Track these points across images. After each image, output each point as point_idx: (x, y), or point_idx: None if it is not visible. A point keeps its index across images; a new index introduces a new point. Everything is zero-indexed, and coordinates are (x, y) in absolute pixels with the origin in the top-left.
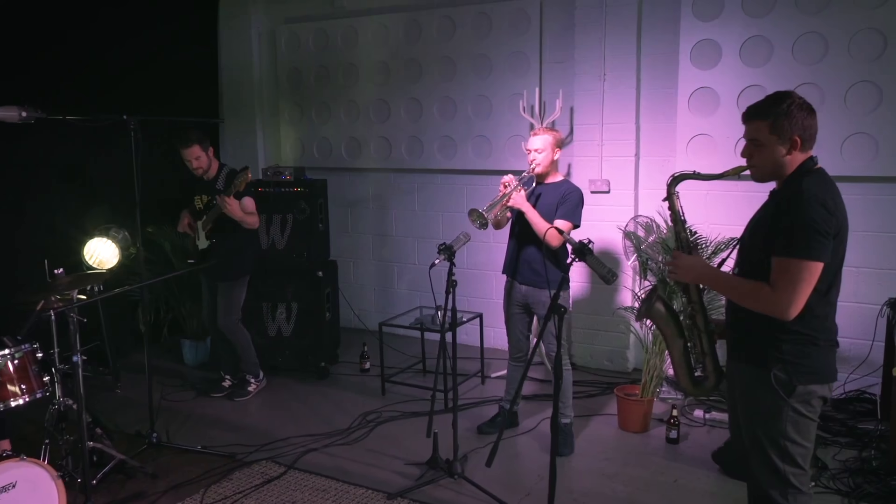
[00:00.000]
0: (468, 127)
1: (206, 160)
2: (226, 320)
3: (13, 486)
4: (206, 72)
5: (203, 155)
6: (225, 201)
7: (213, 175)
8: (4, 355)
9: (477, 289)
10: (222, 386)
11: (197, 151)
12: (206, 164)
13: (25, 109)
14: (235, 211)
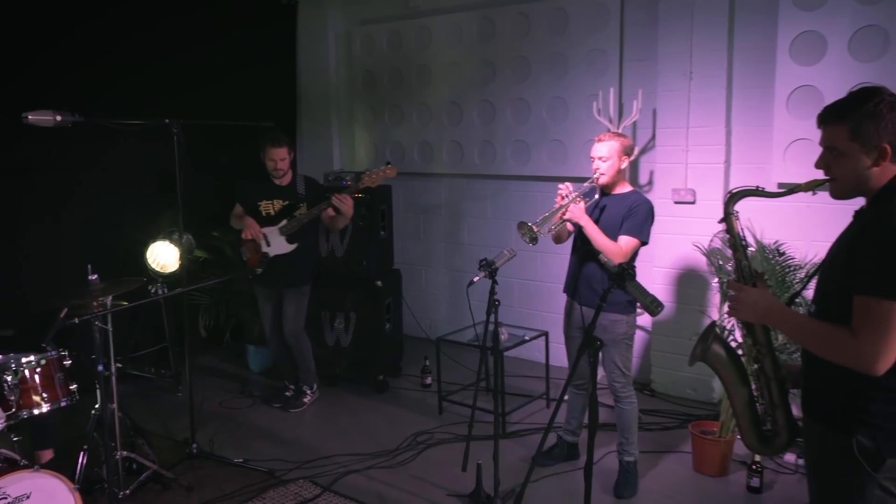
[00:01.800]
0: (542, 130)
1: (288, 163)
2: (294, 327)
3: (27, 497)
4: (285, 75)
5: (288, 158)
6: (345, 199)
7: (289, 181)
8: (28, 363)
9: (545, 304)
10: (284, 395)
11: (284, 153)
12: (287, 166)
13: (60, 113)
14: (350, 210)
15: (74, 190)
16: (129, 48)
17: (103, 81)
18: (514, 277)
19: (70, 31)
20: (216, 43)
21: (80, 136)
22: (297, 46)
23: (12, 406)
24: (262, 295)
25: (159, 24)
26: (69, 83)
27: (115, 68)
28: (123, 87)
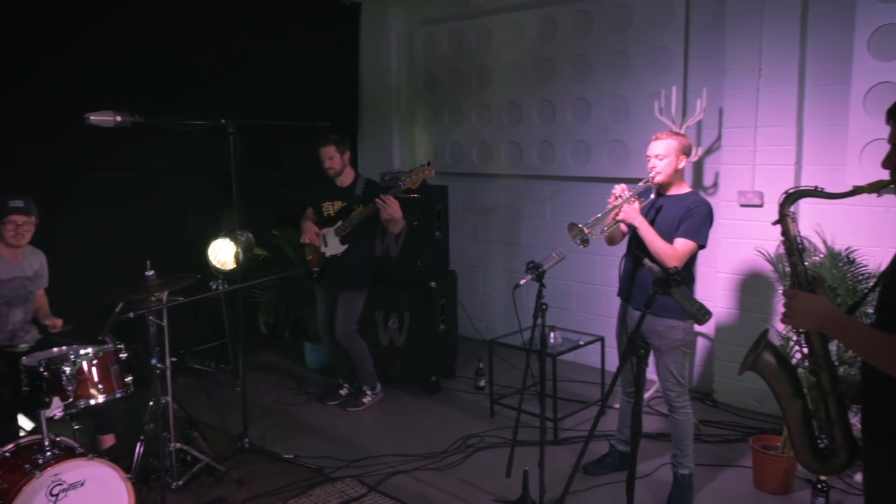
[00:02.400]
0: (603, 130)
1: (339, 163)
2: (344, 329)
3: (81, 485)
4: (347, 76)
5: (337, 157)
6: (389, 200)
7: (349, 183)
8: (86, 354)
9: (603, 308)
10: (339, 394)
11: (332, 151)
12: (339, 166)
13: (120, 114)
14: (397, 211)
15: (142, 187)
16: (194, 49)
17: (166, 81)
18: (572, 280)
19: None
20: (279, 44)
21: (144, 134)
22: (360, 47)
23: (69, 396)
24: (319, 294)
25: (224, 24)
26: (137, 84)
27: (181, 68)
28: (187, 87)
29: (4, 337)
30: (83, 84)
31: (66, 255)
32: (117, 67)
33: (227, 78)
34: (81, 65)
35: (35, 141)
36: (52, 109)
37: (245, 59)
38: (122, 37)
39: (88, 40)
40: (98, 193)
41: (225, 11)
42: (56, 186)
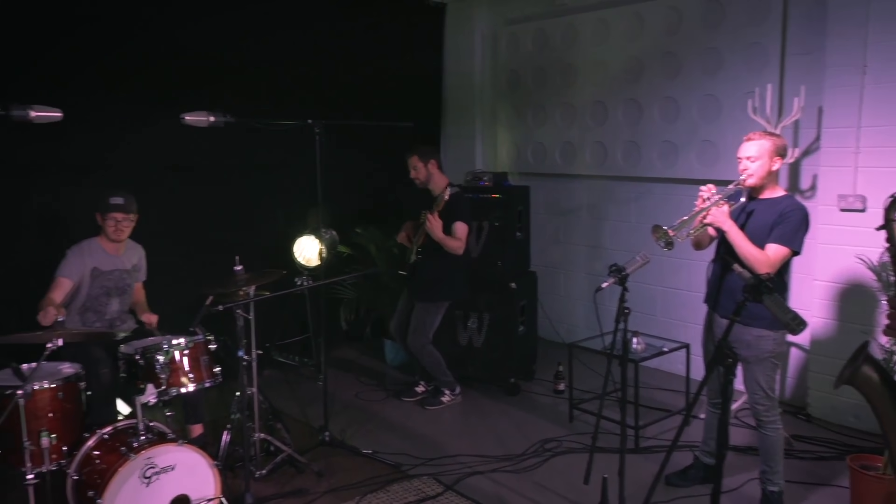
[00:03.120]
0: (692, 131)
1: (423, 172)
2: (414, 341)
3: (172, 469)
4: (431, 76)
5: (421, 166)
6: (428, 218)
7: (439, 192)
8: (178, 344)
9: (689, 314)
10: (415, 391)
11: (415, 161)
12: (424, 176)
13: (213, 115)
14: (435, 230)
15: (232, 184)
16: (280, 49)
17: (258, 82)
18: (656, 285)
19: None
20: (365, 45)
21: (236, 134)
22: (444, 47)
23: (162, 383)
24: (404, 296)
25: (309, 24)
26: (230, 85)
27: (272, 69)
28: (276, 88)
29: (103, 325)
30: (188, 85)
31: (162, 249)
32: (219, 69)
33: (314, 78)
34: (191, 68)
35: (141, 142)
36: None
37: (331, 60)
38: (225, 43)
39: (196, 45)
40: (192, 190)
41: (312, 13)
42: (154, 183)
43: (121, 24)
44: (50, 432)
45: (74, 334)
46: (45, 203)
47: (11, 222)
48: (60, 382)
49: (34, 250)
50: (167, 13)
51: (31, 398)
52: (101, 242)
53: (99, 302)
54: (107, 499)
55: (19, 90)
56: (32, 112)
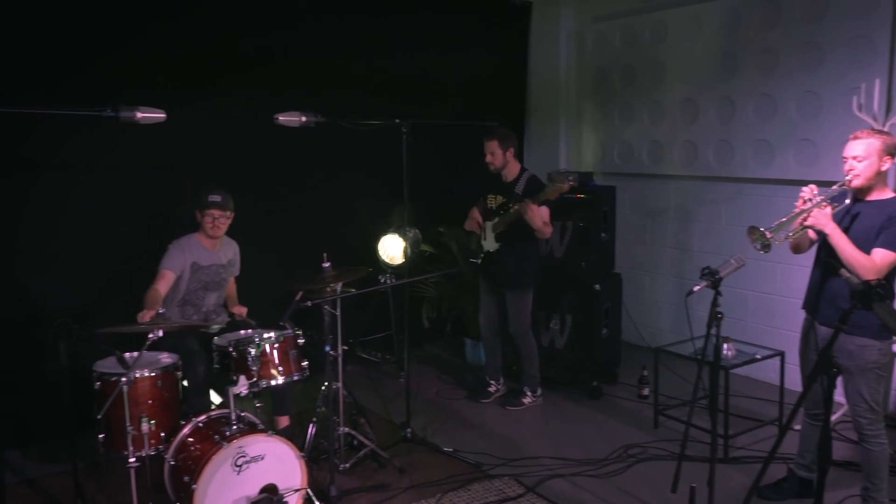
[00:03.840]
0: (790, 129)
1: (500, 158)
2: (517, 327)
3: (262, 458)
4: (516, 75)
5: (499, 152)
6: (529, 206)
7: (513, 178)
8: (268, 338)
9: (783, 321)
10: (488, 392)
11: (494, 146)
12: (501, 162)
13: (305, 115)
14: (536, 218)
15: (320, 183)
16: (366, 49)
17: (345, 83)
18: (749, 289)
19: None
20: (450, 44)
21: (324, 133)
22: (529, 46)
23: (254, 375)
24: (483, 287)
25: (395, 25)
26: (320, 85)
27: (359, 69)
28: (363, 87)
29: (200, 318)
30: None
31: (253, 245)
32: (308, 71)
33: (401, 78)
34: (283, 70)
35: (232, 142)
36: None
37: (416, 60)
38: (314, 45)
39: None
40: (282, 189)
41: (396, 12)
42: (247, 182)
43: (215, 28)
44: (149, 418)
45: (174, 326)
46: (147, 199)
47: (117, 218)
48: (160, 371)
49: (137, 244)
50: (259, 18)
51: (134, 385)
52: (200, 238)
53: (197, 295)
54: (201, 484)
55: (125, 93)
56: (139, 113)
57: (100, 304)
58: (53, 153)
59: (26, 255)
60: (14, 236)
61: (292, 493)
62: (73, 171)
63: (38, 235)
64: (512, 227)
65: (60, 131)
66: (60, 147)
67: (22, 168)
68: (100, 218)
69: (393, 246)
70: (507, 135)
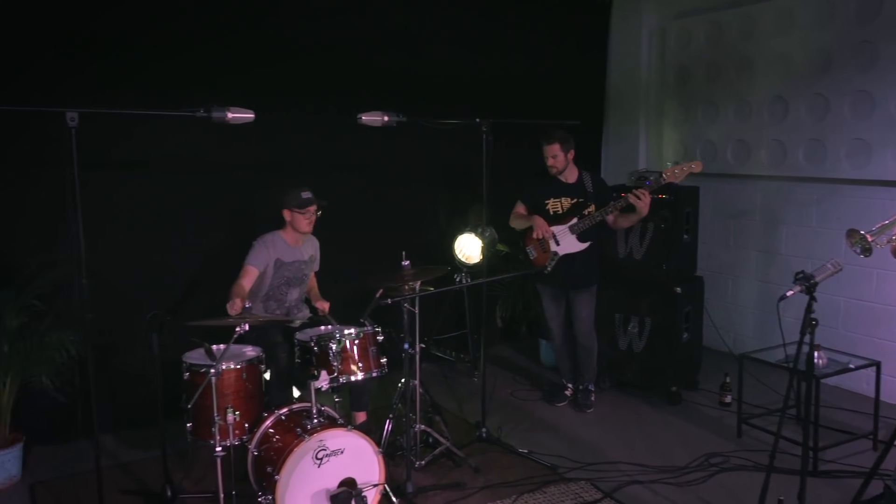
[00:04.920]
0: (890, 127)
1: (562, 161)
2: (587, 326)
3: (341, 452)
4: (595, 74)
5: (561, 155)
6: (642, 193)
7: (575, 179)
8: (349, 334)
9: (879, 329)
10: (564, 394)
11: (556, 150)
12: (562, 165)
13: (387, 114)
14: (646, 209)
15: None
16: (445, 49)
17: (422, 82)
18: (842, 295)
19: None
20: (528, 42)
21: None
22: (609, 44)
23: (334, 371)
24: (547, 294)
25: (474, 24)
26: (398, 85)
27: (437, 68)
28: (442, 86)
29: (282, 312)
30: (355, 86)
31: (333, 242)
32: (389, 71)
33: (479, 78)
34: (364, 71)
35: (314, 141)
36: (328, 111)
37: (495, 59)
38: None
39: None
40: (361, 187)
41: (474, 11)
42: (327, 181)
43: (298, 29)
44: (234, 409)
45: (259, 320)
46: (231, 197)
47: (203, 215)
48: (245, 364)
49: (222, 241)
50: (341, 19)
51: (221, 377)
52: (284, 235)
53: (280, 291)
54: (283, 475)
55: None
56: (230, 114)
57: (186, 298)
58: (146, 153)
59: (119, 250)
60: (108, 232)
61: (370, 487)
62: (163, 170)
63: (131, 231)
64: (596, 225)
65: (154, 132)
66: (153, 147)
67: (114, 167)
68: (187, 215)
69: (469, 245)
70: (567, 137)
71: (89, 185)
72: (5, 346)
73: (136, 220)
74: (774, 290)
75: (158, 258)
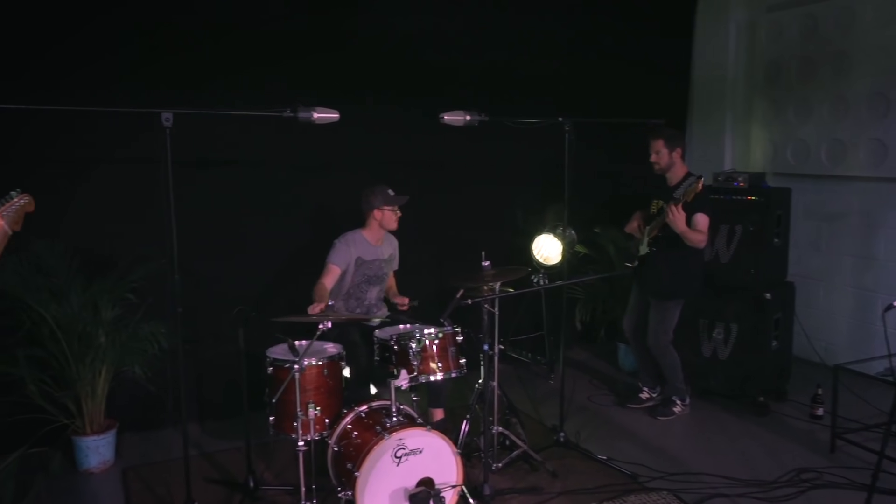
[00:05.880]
0: None
1: (665, 158)
2: (655, 340)
3: (420, 452)
4: (678, 71)
5: (664, 152)
6: (671, 210)
7: (676, 181)
8: (429, 334)
9: None
10: (639, 398)
11: (659, 146)
12: (666, 162)
13: (469, 113)
14: (677, 222)
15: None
16: (522, 47)
17: (502, 82)
18: None
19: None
20: (608, 38)
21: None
22: (694, 39)
23: (414, 370)
24: (633, 291)
25: (553, 21)
26: (479, 85)
27: (514, 67)
28: (519, 85)
29: (362, 311)
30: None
31: (412, 242)
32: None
33: (558, 76)
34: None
35: (393, 139)
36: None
37: (575, 56)
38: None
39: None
40: (439, 186)
41: (554, 9)
42: (406, 179)
43: (383, 28)
44: (316, 405)
45: (341, 318)
46: (313, 195)
47: (286, 212)
48: (326, 360)
49: (304, 238)
50: (425, 19)
51: (304, 373)
52: (365, 234)
53: (360, 289)
54: (363, 472)
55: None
56: (315, 114)
57: (269, 294)
58: (233, 152)
59: (208, 247)
60: (199, 229)
61: (449, 488)
62: (249, 168)
63: (218, 229)
64: (667, 233)
65: (239, 132)
66: (240, 147)
67: (205, 166)
68: (270, 213)
69: (548, 246)
70: (674, 135)
71: (182, 183)
72: (102, 336)
73: (223, 218)
74: (870, 298)
75: (243, 255)
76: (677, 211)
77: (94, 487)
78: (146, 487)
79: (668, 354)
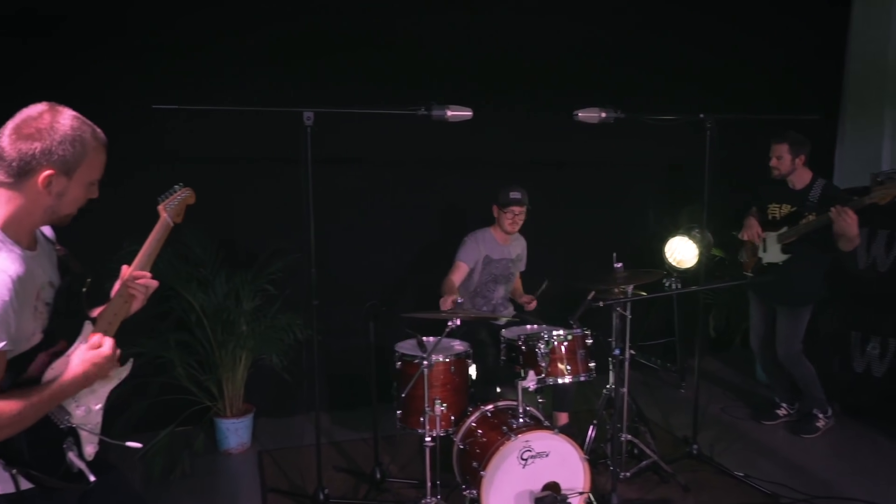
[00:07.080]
0: None
1: (788, 164)
2: (787, 350)
3: (546, 455)
4: (832, 64)
5: (787, 157)
6: (847, 213)
7: (803, 186)
8: (558, 336)
9: None
10: (775, 413)
11: (782, 150)
12: (786, 169)
13: (605, 111)
14: (854, 226)
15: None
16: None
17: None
18: None
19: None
20: (755, 30)
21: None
22: (850, 31)
23: (542, 371)
24: (754, 303)
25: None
26: (613, 82)
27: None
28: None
29: (489, 309)
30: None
31: (542, 241)
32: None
33: (703, 70)
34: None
35: (526, 138)
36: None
37: (720, 50)
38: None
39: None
40: (571, 185)
41: None
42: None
43: (514, 30)
44: (442, 401)
45: (469, 316)
46: (444, 192)
47: (417, 209)
48: (453, 357)
49: (434, 235)
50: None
51: (431, 369)
52: (494, 233)
53: (487, 288)
54: (489, 472)
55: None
56: (449, 112)
57: (398, 290)
58: (369, 151)
59: (341, 243)
60: (333, 225)
61: (576, 494)
62: (382, 167)
63: (352, 224)
64: (806, 238)
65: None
66: (371, 145)
67: (333, 163)
68: (402, 210)
69: (682, 249)
70: (799, 140)
71: (320, 181)
72: (244, 325)
73: (356, 214)
74: None
75: (375, 251)
76: (855, 215)
77: (233, 467)
78: (280, 471)
79: (801, 363)
